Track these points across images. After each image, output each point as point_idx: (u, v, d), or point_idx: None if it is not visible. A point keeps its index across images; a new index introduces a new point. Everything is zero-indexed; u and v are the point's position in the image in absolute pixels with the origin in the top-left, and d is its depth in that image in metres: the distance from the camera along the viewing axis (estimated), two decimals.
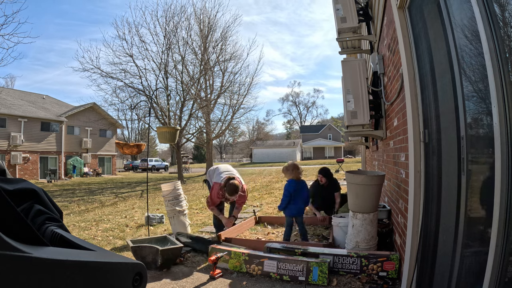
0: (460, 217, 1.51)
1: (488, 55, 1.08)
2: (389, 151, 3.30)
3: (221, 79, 19.63)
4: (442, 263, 1.77)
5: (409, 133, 2.11)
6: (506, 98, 1.03)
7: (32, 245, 0.51)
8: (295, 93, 69.33)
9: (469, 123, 1.44)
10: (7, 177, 0.73)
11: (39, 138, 21.33)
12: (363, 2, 4.12)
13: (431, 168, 1.97)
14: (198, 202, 7.76)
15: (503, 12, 1.13)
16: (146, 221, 4.99)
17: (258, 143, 47.41)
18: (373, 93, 3.60)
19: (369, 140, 5.86)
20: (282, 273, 2.73)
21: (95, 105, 24.45)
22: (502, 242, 1.05)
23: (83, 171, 23.65)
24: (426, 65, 2.01)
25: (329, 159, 41.88)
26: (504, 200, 1.04)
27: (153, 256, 2.97)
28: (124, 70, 15.95)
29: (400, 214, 2.67)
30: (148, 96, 15.63)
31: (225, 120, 20.93)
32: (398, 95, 2.60)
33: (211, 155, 23.08)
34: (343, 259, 2.75)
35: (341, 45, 4.08)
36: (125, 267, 0.62)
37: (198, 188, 12.41)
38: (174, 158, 42.40)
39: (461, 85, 1.48)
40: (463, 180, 1.47)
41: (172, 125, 12.68)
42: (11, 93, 23.17)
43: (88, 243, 0.68)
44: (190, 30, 17.91)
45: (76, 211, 7.89)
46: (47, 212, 0.74)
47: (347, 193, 3.11)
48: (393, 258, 2.62)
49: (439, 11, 1.68)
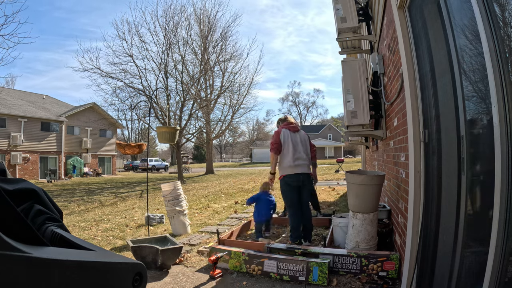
0: (460, 217, 1.51)
1: (488, 55, 1.08)
2: (389, 151, 3.30)
3: (221, 79, 19.66)
4: (442, 263, 1.77)
5: (409, 133, 2.11)
6: (506, 98, 1.03)
7: (32, 245, 0.51)
8: (295, 93, 69.38)
9: (469, 123, 1.44)
10: (7, 177, 0.73)
11: (39, 138, 21.33)
12: (363, 2, 4.12)
13: (431, 168, 1.97)
14: (198, 202, 7.76)
15: (503, 12, 1.13)
16: (146, 221, 4.99)
17: (258, 143, 47.44)
18: (373, 93, 3.60)
19: (369, 140, 5.86)
20: (282, 273, 2.73)
21: (95, 105, 24.46)
22: (502, 242, 1.05)
23: (83, 171, 23.65)
24: (426, 65, 2.01)
25: (329, 159, 41.90)
26: (504, 200, 1.04)
27: (153, 256, 2.97)
28: (124, 70, 15.97)
29: (400, 214, 2.67)
30: (148, 96, 15.63)
31: (225, 120, 20.96)
32: (398, 95, 2.60)
33: (211, 155, 23.09)
34: (343, 259, 2.75)
35: (341, 45, 4.08)
36: (125, 267, 0.62)
37: (198, 188, 12.41)
38: (174, 158, 42.40)
39: (461, 85, 1.48)
40: (463, 180, 1.47)
41: (172, 125, 12.68)
42: (11, 93, 23.17)
43: (88, 243, 0.68)
44: (190, 30, 17.94)
45: (76, 211, 7.89)
46: (47, 212, 0.74)
47: (347, 193, 3.11)
48: (393, 258, 2.62)
49: (439, 11, 1.68)
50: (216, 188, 11.52)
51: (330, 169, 18.81)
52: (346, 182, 3.01)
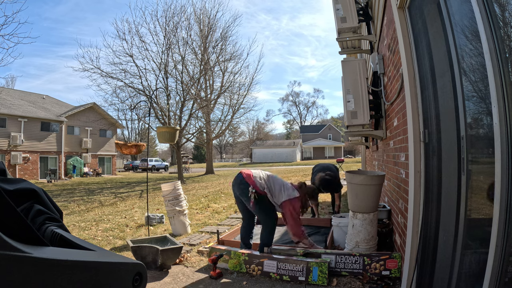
0: (460, 217, 1.51)
1: (488, 55, 1.08)
2: (389, 151, 3.30)
3: (221, 79, 19.66)
4: (442, 263, 1.77)
5: (409, 133, 2.11)
6: (506, 98, 1.03)
7: (32, 245, 0.51)
8: (295, 93, 69.42)
9: (469, 123, 1.44)
10: (7, 177, 0.73)
11: (39, 138, 21.33)
12: (363, 2, 4.12)
13: (431, 168, 1.97)
14: (198, 202, 7.76)
15: (503, 12, 1.13)
16: (146, 221, 4.99)
17: (258, 143, 47.43)
18: (373, 93, 3.60)
19: (369, 140, 5.86)
20: (282, 273, 2.73)
21: (95, 105, 24.45)
22: (502, 242, 1.05)
23: (83, 171, 23.65)
24: (426, 65, 2.01)
25: (329, 159, 41.89)
26: (504, 200, 1.04)
27: (153, 256, 2.97)
28: (124, 70, 15.97)
29: (400, 214, 2.67)
30: (148, 96, 15.63)
31: (225, 120, 20.96)
32: (398, 95, 2.60)
33: (211, 155, 23.08)
34: (346, 258, 2.75)
35: (341, 45, 4.09)
36: (125, 267, 0.62)
37: (198, 188, 12.41)
38: (174, 158, 42.39)
39: (461, 85, 1.48)
40: (463, 180, 1.47)
41: (172, 125, 12.68)
42: (11, 93, 23.16)
43: (88, 243, 0.68)
44: (190, 30, 17.94)
45: (76, 211, 7.89)
46: (47, 212, 0.74)
47: (347, 193, 3.10)
48: (396, 256, 2.61)
49: (439, 11, 1.67)
50: (216, 188, 11.52)
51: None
52: (346, 182, 3.01)
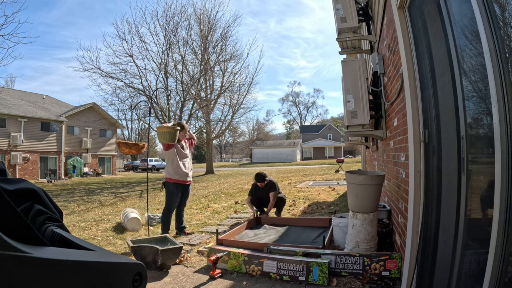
0: (460, 217, 1.51)
1: (488, 55, 1.08)
2: (389, 151, 3.30)
3: (221, 79, 19.67)
4: (442, 263, 1.77)
5: (409, 133, 2.11)
6: (506, 98, 1.03)
7: (32, 245, 0.51)
8: (295, 93, 69.45)
9: (469, 123, 1.44)
10: (7, 177, 0.73)
11: (39, 138, 21.33)
12: (363, 2, 4.12)
13: (431, 168, 1.97)
14: (198, 202, 7.75)
15: (503, 12, 1.13)
16: (146, 221, 4.99)
17: (258, 143, 47.44)
18: (373, 93, 3.60)
19: (369, 140, 5.86)
20: (282, 273, 2.73)
21: (95, 105, 24.45)
22: (502, 242, 1.05)
23: (83, 171, 23.65)
24: (426, 65, 2.01)
25: (329, 159, 41.90)
26: (504, 200, 1.04)
27: (153, 256, 2.97)
28: (124, 70, 15.99)
29: (400, 214, 2.67)
30: (148, 96, 15.63)
31: (225, 120, 20.97)
32: (398, 95, 2.60)
33: (211, 155, 23.08)
34: (345, 259, 2.74)
35: (341, 45, 4.09)
36: (125, 267, 0.62)
37: (198, 188, 12.41)
38: None
39: (461, 85, 1.48)
40: (463, 180, 1.47)
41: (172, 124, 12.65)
42: (11, 93, 23.16)
43: (88, 243, 0.68)
44: (190, 30, 17.98)
45: (76, 211, 7.89)
46: (47, 212, 0.74)
47: (347, 193, 3.11)
48: (396, 256, 2.61)
49: (439, 11, 1.68)
50: (216, 188, 11.52)
51: (330, 169, 18.81)
52: (346, 182, 3.01)
